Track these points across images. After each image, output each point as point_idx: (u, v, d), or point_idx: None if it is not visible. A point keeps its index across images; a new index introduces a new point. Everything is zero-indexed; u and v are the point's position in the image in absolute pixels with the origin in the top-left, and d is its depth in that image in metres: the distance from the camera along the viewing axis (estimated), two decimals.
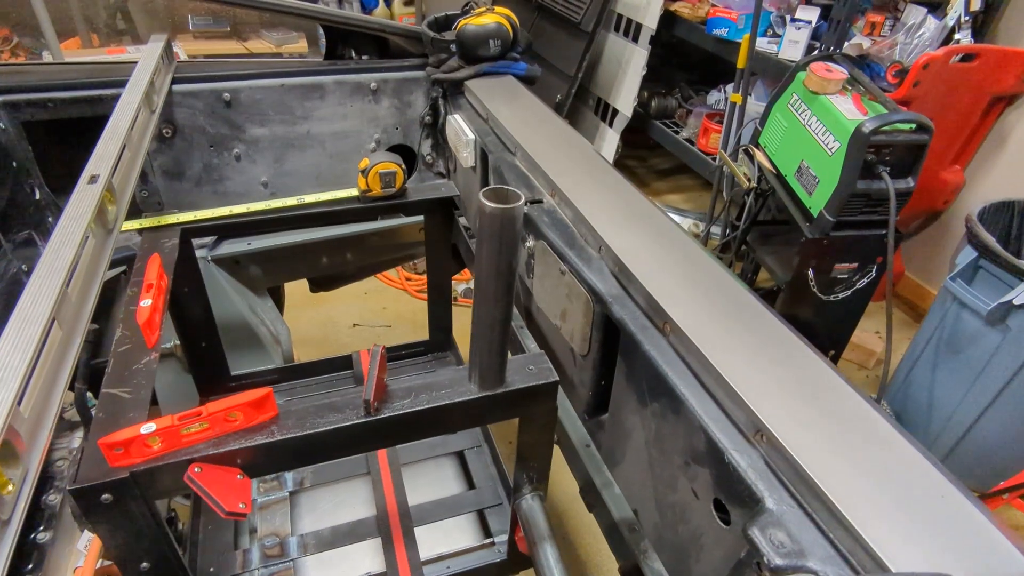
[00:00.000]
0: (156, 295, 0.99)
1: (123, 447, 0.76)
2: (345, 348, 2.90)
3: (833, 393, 0.72)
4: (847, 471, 0.62)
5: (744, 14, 3.01)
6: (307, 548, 1.34)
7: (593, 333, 0.99)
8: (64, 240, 0.73)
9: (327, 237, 1.75)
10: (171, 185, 1.59)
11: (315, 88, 1.61)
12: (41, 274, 0.71)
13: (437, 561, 1.33)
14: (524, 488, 1.11)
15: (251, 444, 0.81)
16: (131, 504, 0.79)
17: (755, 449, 0.69)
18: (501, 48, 1.60)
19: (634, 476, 0.96)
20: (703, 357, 0.76)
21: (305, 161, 1.70)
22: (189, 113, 1.52)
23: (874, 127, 1.87)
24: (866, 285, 2.24)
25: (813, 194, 2.11)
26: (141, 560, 0.87)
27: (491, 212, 0.72)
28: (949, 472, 0.62)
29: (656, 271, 0.91)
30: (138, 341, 0.93)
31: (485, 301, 0.81)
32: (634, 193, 1.13)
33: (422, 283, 3.31)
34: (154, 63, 1.34)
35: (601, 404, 1.05)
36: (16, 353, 0.60)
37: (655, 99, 4.02)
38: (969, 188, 2.79)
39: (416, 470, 1.56)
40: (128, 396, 0.86)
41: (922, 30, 2.45)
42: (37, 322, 0.64)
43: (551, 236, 1.08)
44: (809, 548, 0.60)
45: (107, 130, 1.01)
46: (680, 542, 0.84)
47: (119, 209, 0.93)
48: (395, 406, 0.87)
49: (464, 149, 1.48)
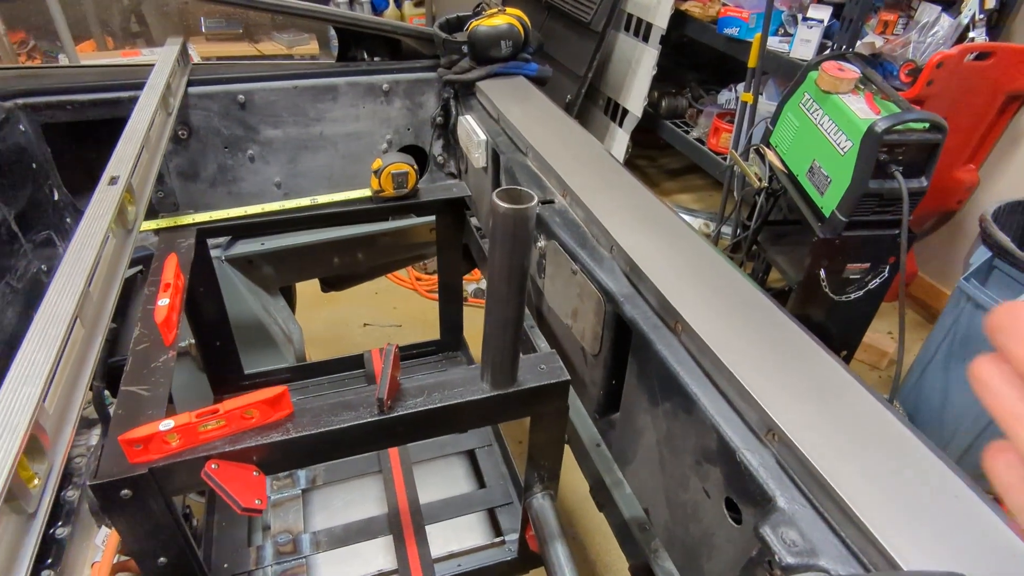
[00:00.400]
0: (173, 294, 1.01)
1: (142, 443, 0.78)
2: (356, 347, 2.91)
3: (846, 393, 0.72)
4: (859, 470, 0.62)
5: (755, 13, 3.01)
6: (319, 545, 1.36)
7: (604, 332, 1.00)
8: (86, 240, 0.75)
9: (339, 237, 1.76)
10: (186, 186, 1.61)
11: (328, 90, 1.62)
12: (64, 273, 0.72)
13: (448, 559, 1.34)
14: (535, 487, 1.12)
15: (267, 441, 0.82)
16: (149, 499, 0.81)
17: (767, 448, 0.70)
18: (513, 49, 1.60)
19: (645, 475, 0.97)
20: (715, 356, 0.77)
21: (318, 162, 1.72)
22: (204, 115, 1.53)
23: (887, 126, 1.86)
24: (878, 285, 2.23)
25: (825, 194, 2.10)
26: (158, 555, 0.89)
27: (504, 212, 0.73)
28: (963, 472, 0.62)
29: (668, 271, 0.92)
30: (156, 340, 0.95)
31: (498, 301, 0.82)
32: (645, 193, 1.14)
33: (432, 283, 3.33)
34: (170, 66, 1.36)
35: (612, 403, 1.06)
36: (41, 351, 0.61)
37: (665, 99, 4.01)
38: (983, 187, 2.76)
39: (427, 468, 1.58)
40: (147, 394, 0.87)
41: (936, 28, 2.43)
42: (61, 321, 0.65)
43: (563, 236, 1.09)
44: (820, 547, 0.60)
45: (126, 132, 1.03)
46: (691, 541, 0.84)
47: (138, 209, 0.94)
48: (408, 404, 0.88)
49: (476, 150, 1.49)
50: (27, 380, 0.58)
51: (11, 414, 0.54)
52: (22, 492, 0.55)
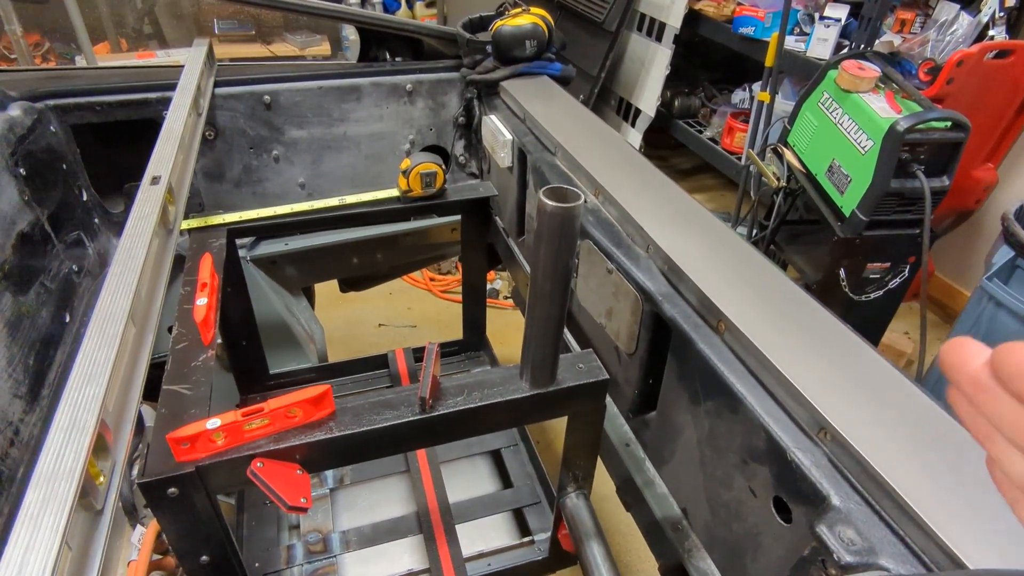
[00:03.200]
0: (210, 293, 1.01)
1: (189, 442, 0.78)
2: (371, 348, 2.92)
3: (896, 390, 0.72)
4: (916, 468, 0.62)
5: (771, 12, 3.00)
6: (349, 544, 1.36)
7: (641, 332, 1.00)
8: (135, 239, 0.75)
9: (361, 238, 1.77)
10: (212, 187, 1.62)
11: (352, 90, 1.62)
12: (116, 273, 0.72)
13: (478, 559, 1.34)
14: (569, 486, 1.12)
15: (310, 440, 0.83)
16: (195, 497, 0.81)
17: (819, 447, 0.69)
18: (537, 49, 1.60)
19: (683, 474, 0.97)
20: (762, 355, 0.76)
21: (341, 162, 1.72)
22: (230, 116, 1.54)
23: (908, 125, 1.86)
24: (898, 285, 2.22)
25: (845, 193, 2.10)
26: (201, 553, 0.89)
27: (552, 211, 0.73)
28: None
29: (707, 269, 0.92)
30: (195, 339, 0.95)
31: (541, 299, 0.82)
32: (678, 191, 1.14)
33: (446, 283, 3.33)
34: (199, 67, 1.37)
35: (647, 403, 1.06)
36: (101, 350, 0.61)
37: (678, 98, 4.01)
38: (1001, 187, 2.75)
39: (453, 468, 1.58)
40: (189, 392, 0.87)
41: (955, 27, 2.42)
42: (118, 320, 0.65)
43: (597, 235, 1.09)
44: (879, 545, 0.60)
45: (163, 132, 1.03)
46: (735, 540, 0.84)
47: (178, 209, 0.95)
48: (448, 404, 0.88)
49: (501, 150, 1.49)
50: (91, 379, 0.58)
51: (79, 412, 0.54)
52: (92, 489, 0.55)
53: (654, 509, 1.05)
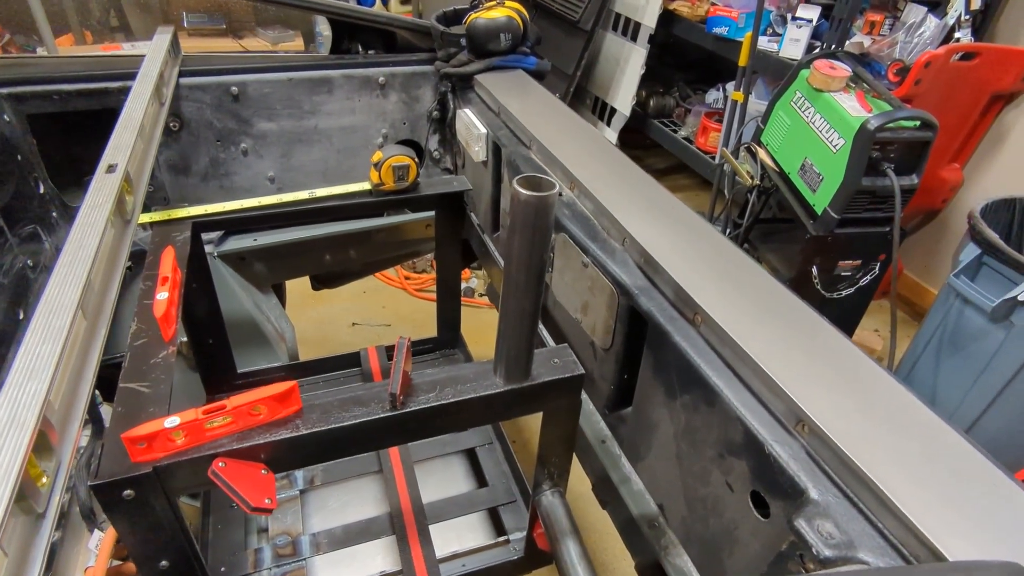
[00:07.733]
0: (172, 288, 0.97)
1: (146, 441, 0.74)
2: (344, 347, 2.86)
3: (873, 382, 0.71)
4: (894, 460, 0.62)
5: (745, 13, 3.02)
6: (320, 547, 1.32)
7: (617, 326, 0.98)
8: (87, 229, 0.71)
9: (333, 233, 1.73)
10: (177, 180, 1.57)
11: (323, 82, 1.59)
12: (65, 263, 0.68)
13: (452, 559, 1.32)
14: (544, 484, 1.10)
15: (275, 438, 0.80)
16: (153, 500, 0.77)
17: (796, 440, 0.68)
18: (512, 42, 1.59)
19: (660, 470, 0.95)
20: (738, 347, 0.75)
21: (312, 156, 1.68)
22: (196, 107, 1.49)
23: (879, 124, 1.88)
24: (869, 283, 2.25)
25: (817, 191, 2.12)
26: (160, 558, 0.85)
27: (526, 200, 0.71)
28: (1000, 463, 0.62)
29: (683, 262, 0.91)
30: (155, 335, 0.91)
31: (515, 291, 0.80)
32: (654, 185, 1.13)
33: (421, 282, 3.30)
34: (162, 55, 1.32)
35: (623, 398, 1.04)
36: (46, 344, 0.58)
37: (653, 98, 4.03)
38: (967, 186, 2.81)
39: (427, 467, 1.55)
40: (147, 391, 0.84)
41: (923, 29, 2.46)
42: (65, 312, 0.62)
43: (572, 229, 1.07)
44: (858, 539, 0.59)
45: (121, 120, 0.99)
46: (712, 536, 0.83)
47: (136, 199, 0.91)
48: (420, 400, 0.85)
49: (475, 143, 1.47)
50: (32, 374, 0.55)
51: (18, 409, 0.50)
52: (32, 491, 0.52)
53: (630, 506, 1.04)
